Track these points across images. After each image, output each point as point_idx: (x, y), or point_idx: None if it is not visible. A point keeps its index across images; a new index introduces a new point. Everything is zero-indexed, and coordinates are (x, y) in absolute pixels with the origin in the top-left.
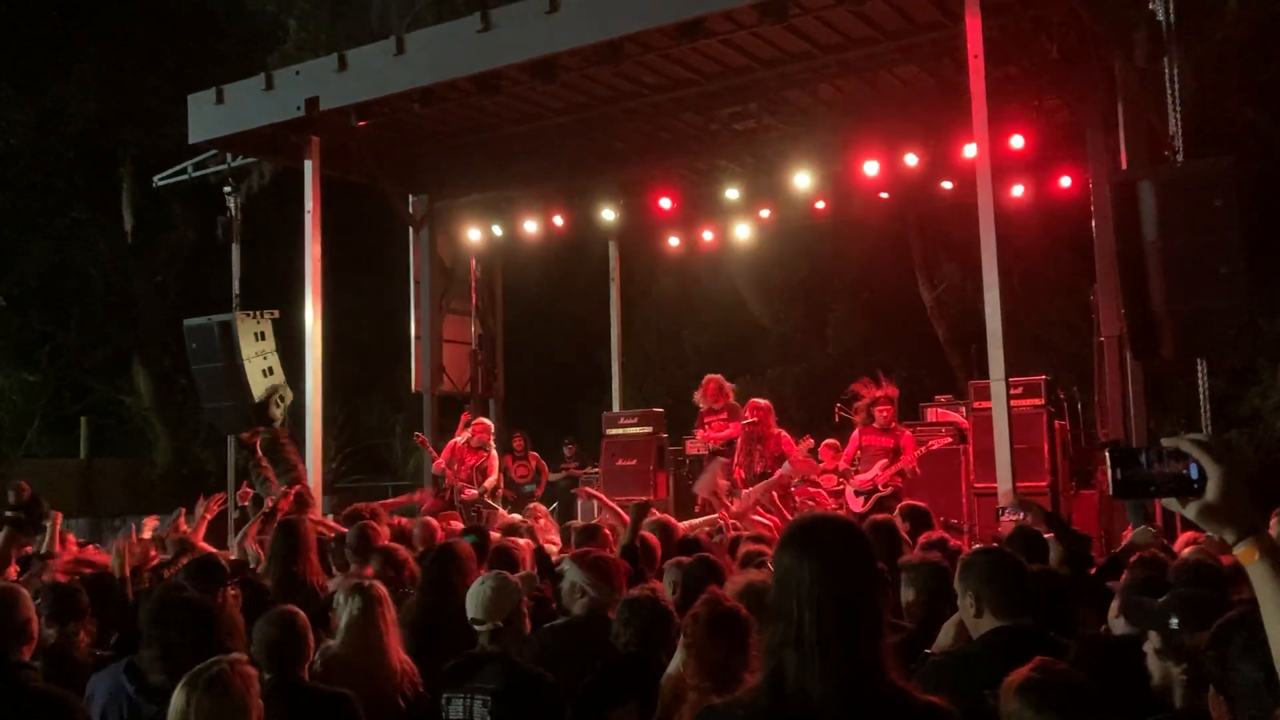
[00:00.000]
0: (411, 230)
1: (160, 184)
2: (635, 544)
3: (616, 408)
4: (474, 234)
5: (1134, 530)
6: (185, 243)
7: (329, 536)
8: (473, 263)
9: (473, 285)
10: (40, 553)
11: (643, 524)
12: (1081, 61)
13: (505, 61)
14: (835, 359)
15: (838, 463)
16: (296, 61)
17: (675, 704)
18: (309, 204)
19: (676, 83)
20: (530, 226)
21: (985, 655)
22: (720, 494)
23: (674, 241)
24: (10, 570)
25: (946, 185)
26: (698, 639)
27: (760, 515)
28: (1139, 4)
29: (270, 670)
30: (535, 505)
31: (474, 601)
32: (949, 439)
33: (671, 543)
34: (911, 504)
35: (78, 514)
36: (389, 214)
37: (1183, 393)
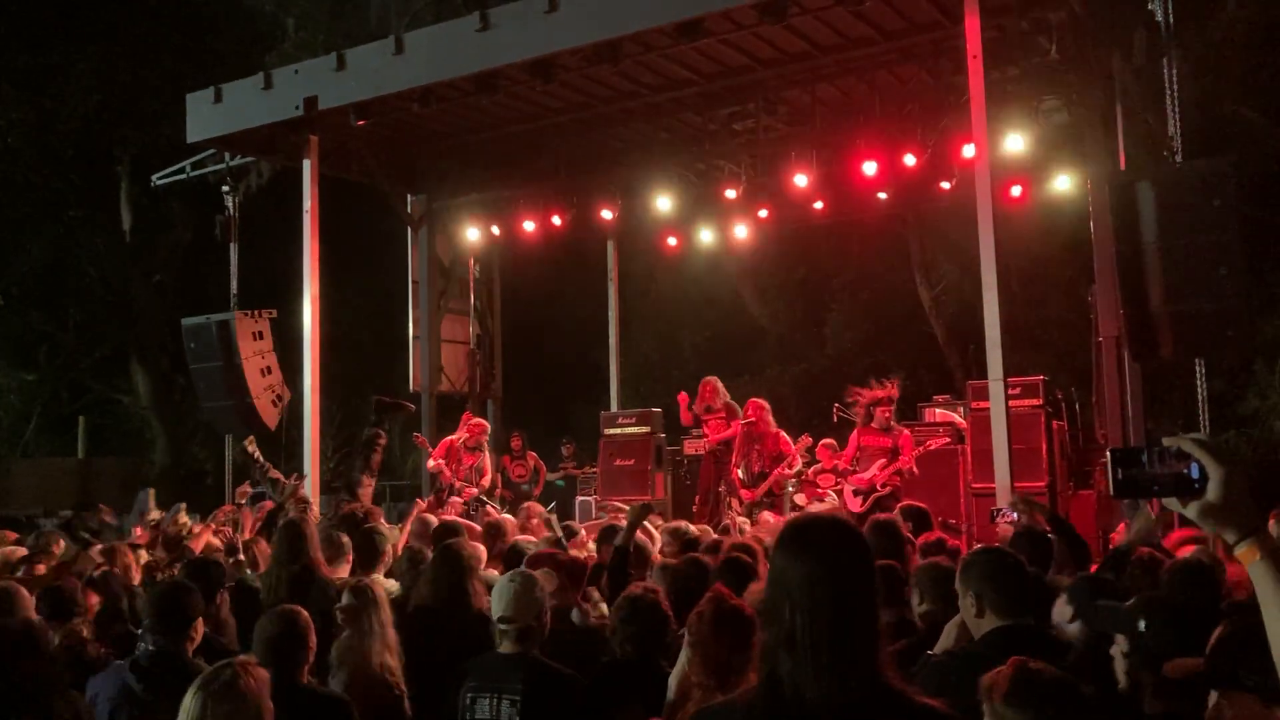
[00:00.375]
0: (410, 230)
1: (159, 183)
2: (630, 546)
3: (614, 407)
4: (472, 233)
5: (1133, 521)
6: (183, 242)
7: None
8: (471, 262)
9: (471, 285)
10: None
11: (640, 525)
12: (1080, 62)
13: (504, 61)
14: (834, 359)
15: (836, 462)
16: (295, 61)
17: (681, 702)
18: (307, 203)
19: (675, 82)
20: (529, 226)
21: (987, 655)
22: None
23: (672, 241)
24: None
25: (945, 185)
26: (702, 637)
27: (774, 516)
28: (1138, 5)
29: (269, 670)
30: (529, 505)
31: (503, 600)
32: (947, 439)
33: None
34: (910, 504)
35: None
36: (387, 213)
37: (1181, 393)
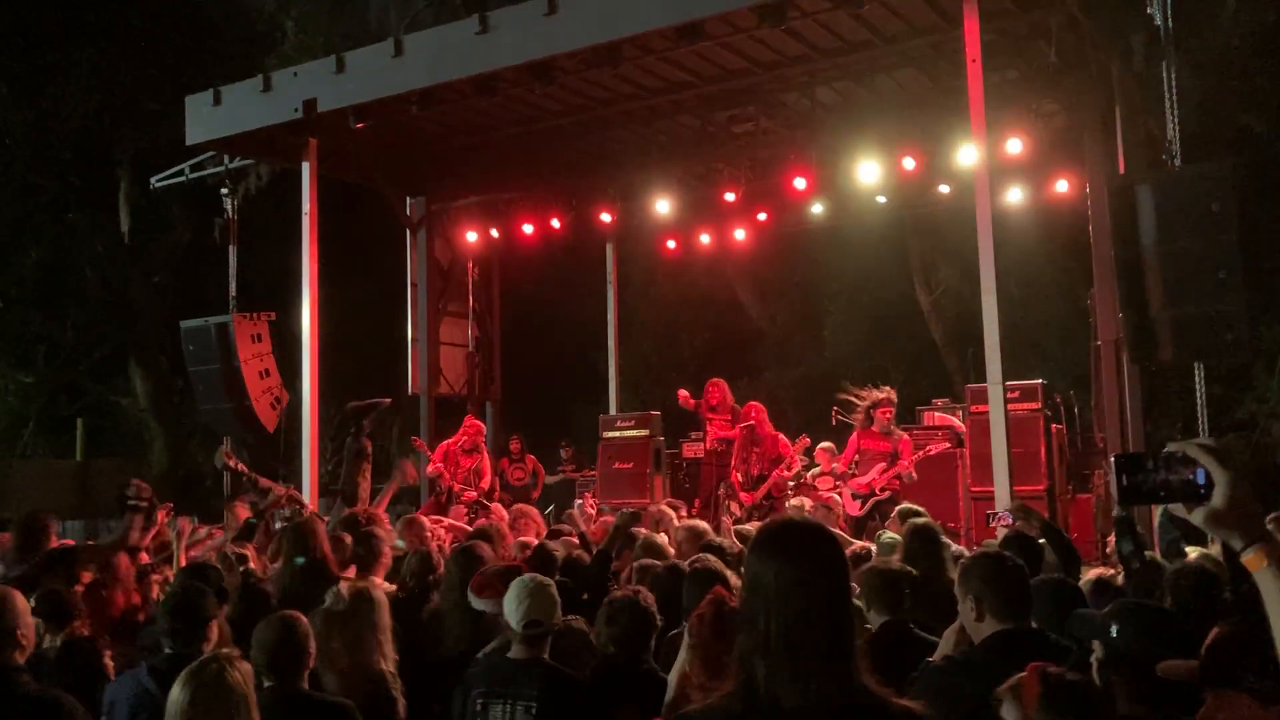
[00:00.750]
0: (409, 232)
1: (158, 185)
2: (612, 551)
3: (613, 410)
4: (471, 236)
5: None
6: (182, 244)
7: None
8: (470, 265)
9: (470, 287)
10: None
11: (625, 532)
12: (1079, 66)
13: (503, 63)
14: (832, 362)
15: (834, 465)
16: (295, 63)
17: (681, 702)
18: (306, 206)
19: (674, 85)
20: (528, 229)
21: (988, 659)
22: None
23: (671, 244)
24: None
25: (944, 189)
26: (702, 638)
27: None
28: (1137, 8)
29: (270, 677)
30: (519, 506)
31: (527, 604)
32: (947, 444)
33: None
34: (910, 507)
35: (73, 515)
36: (386, 216)
37: (1180, 397)
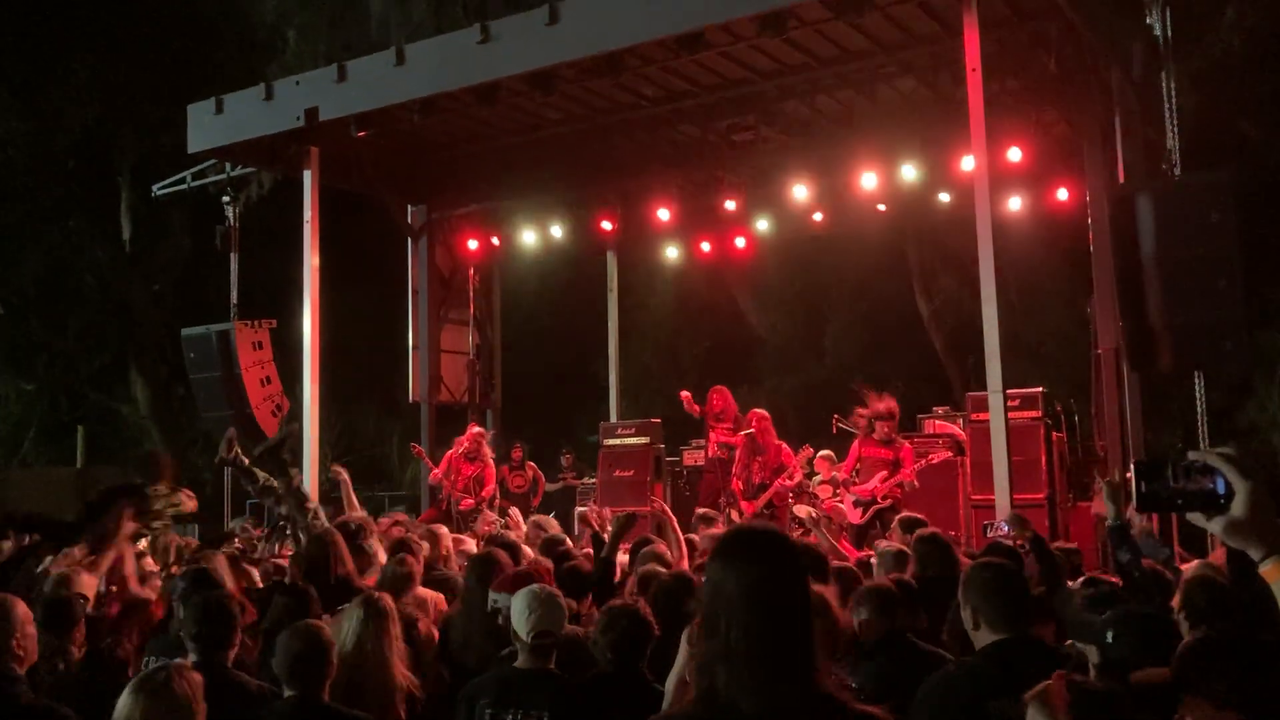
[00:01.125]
0: (410, 240)
1: (159, 193)
2: (614, 557)
3: (614, 418)
4: (472, 244)
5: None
6: (183, 251)
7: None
8: (471, 273)
9: (471, 295)
10: None
11: (624, 537)
12: (1079, 75)
13: (505, 73)
14: (832, 370)
15: (834, 473)
16: (296, 72)
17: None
18: (307, 214)
19: (675, 94)
20: (528, 237)
21: (985, 667)
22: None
23: (672, 252)
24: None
25: (944, 198)
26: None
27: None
28: (1136, 18)
29: (293, 687)
30: (537, 517)
31: (535, 615)
32: (949, 452)
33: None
34: (911, 516)
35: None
36: (387, 224)
37: (1180, 405)
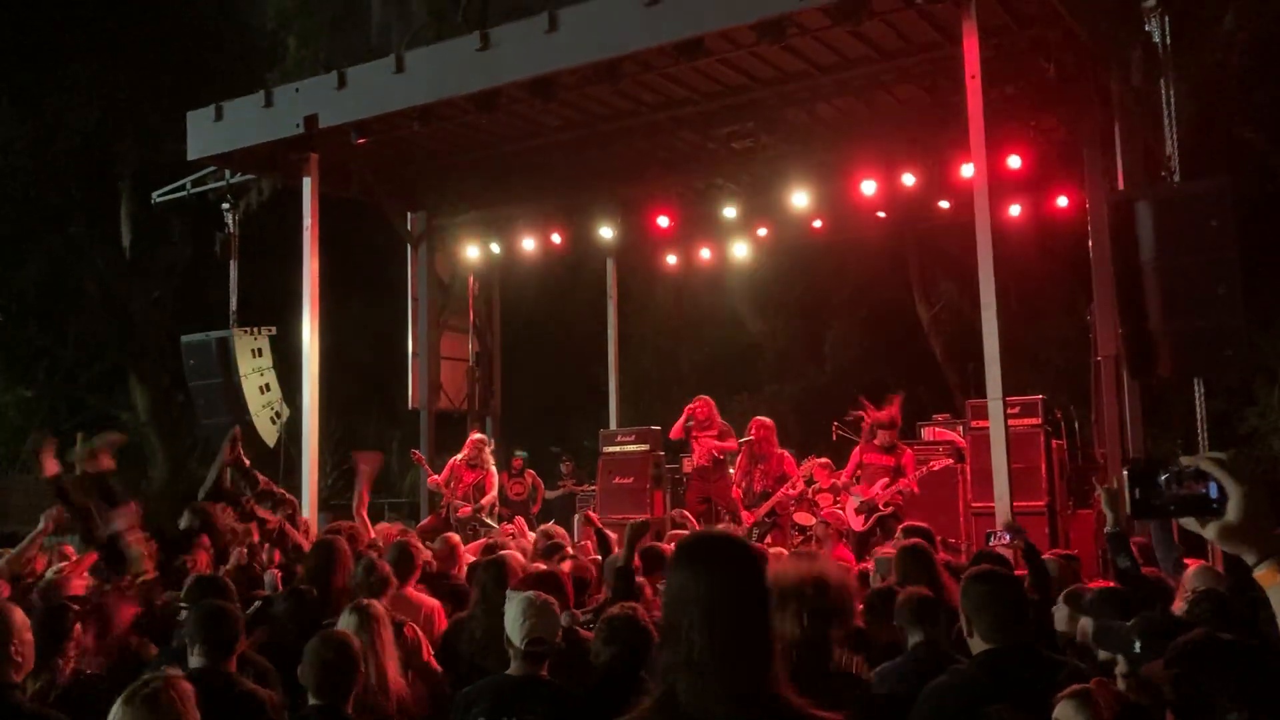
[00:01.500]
0: (410, 247)
1: (159, 200)
2: (630, 566)
3: (613, 425)
4: (472, 251)
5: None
6: (183, 258)
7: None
8: (471, 280)
9: (470, 302)
10: None
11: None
12: (1078, 82)
13: (504, 80)
14: (832, 376)
15: (834, 480)
16: (296, 79)
17: None
18: (307, 221)
19: (675, 101)
20: (528, 244)
21: (979, 675)
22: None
23: (672, 259)
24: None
25: (944, 204)
26: None
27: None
28: (1135, 25)
29: (320, 696)
30: (546, 526)
31: (530, 622)
32: (949, 459)
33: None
34: (914, 524)
35: (72, 529)
36: (387, 231)
37: (1180, 412)
